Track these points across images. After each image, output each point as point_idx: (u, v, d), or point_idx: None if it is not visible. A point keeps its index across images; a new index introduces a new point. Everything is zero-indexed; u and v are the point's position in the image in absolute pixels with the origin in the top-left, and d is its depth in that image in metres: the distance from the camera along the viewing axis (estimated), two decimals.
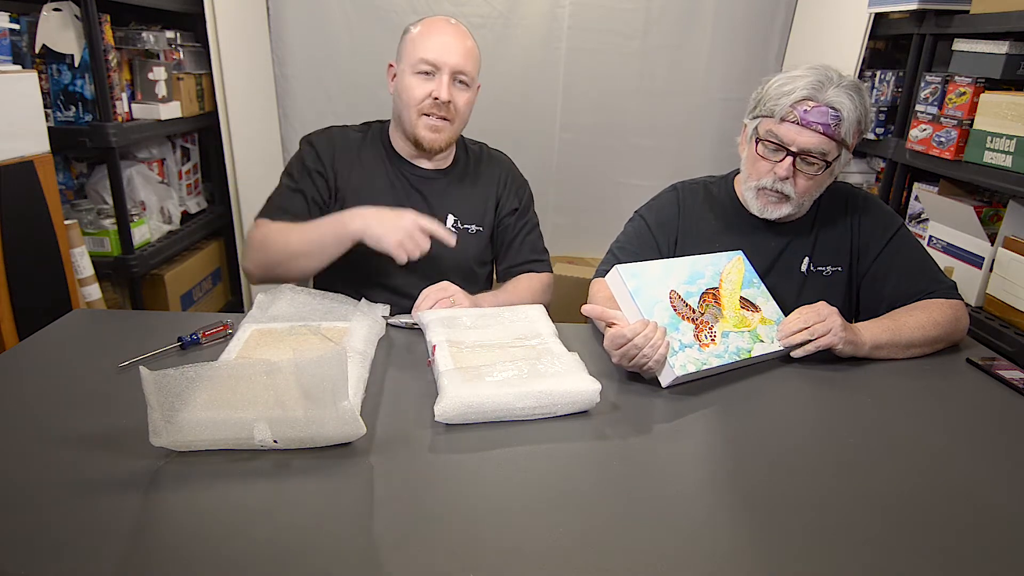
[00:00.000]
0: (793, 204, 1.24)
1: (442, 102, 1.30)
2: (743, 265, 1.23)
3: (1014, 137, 1.53)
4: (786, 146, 1.19)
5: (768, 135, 1.21)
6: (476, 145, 1.51)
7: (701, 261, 1.19)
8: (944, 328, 1.20)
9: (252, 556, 0.67)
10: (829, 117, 1.16)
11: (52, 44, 1.73)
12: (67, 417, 0.90)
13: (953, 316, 1.22)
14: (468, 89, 1.35)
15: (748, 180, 1.27)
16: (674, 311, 1.09)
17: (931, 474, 0.87)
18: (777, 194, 1.23)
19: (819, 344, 1.12)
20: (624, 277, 1.08)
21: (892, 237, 1.30)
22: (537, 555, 0.69)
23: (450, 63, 1.30)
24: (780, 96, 1.18)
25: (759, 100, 1.24)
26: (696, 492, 0.82)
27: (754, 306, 1.18)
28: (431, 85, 1.30)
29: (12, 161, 1.44)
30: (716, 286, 1.16)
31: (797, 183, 1.21)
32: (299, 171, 1.37)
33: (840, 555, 0.71)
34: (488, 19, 2.52)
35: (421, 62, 1.30)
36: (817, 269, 1.31)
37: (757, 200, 1.26)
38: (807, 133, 1.17)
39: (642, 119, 2.68)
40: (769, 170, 1.22)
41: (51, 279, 1.56)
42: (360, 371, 1.00)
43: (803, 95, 1.16)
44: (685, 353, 1.04)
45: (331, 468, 0.82)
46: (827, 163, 1.20)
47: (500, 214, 1.47)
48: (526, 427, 0.92)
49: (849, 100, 1.16)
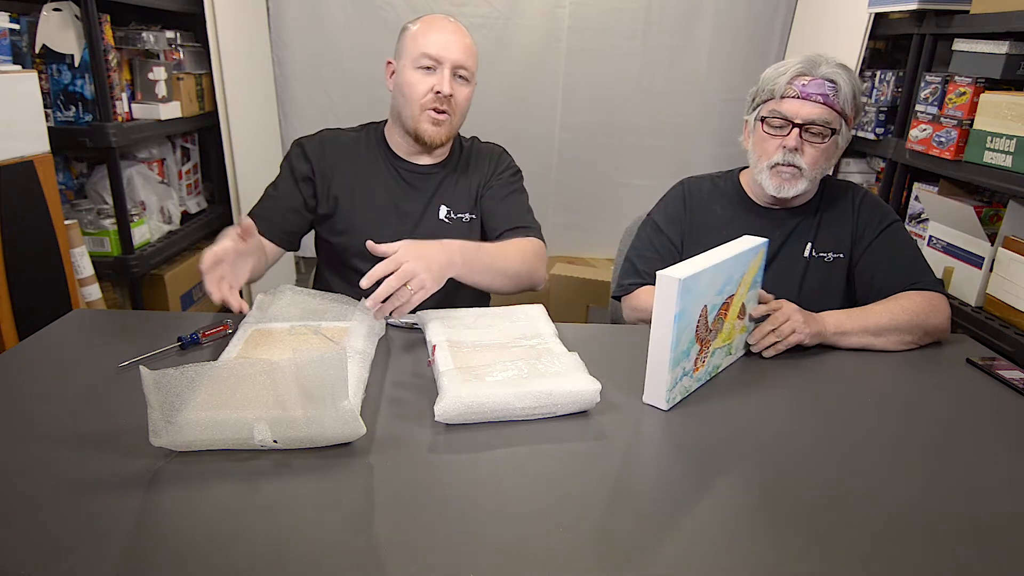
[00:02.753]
0: (807, 177, 1.27)
1: (444, 95, 1.31)
2: (761, 260, 1.15)
3: (1014, 137, 1.53)
4: (790, 119, 1.25)
5: (772, 113, 1.27)
6: (469, 140, 1.52)
7: (736, 262, 1.05)
8: (914, 315, 1.20)
9: (252, 556, 0.67)
10: (826, 87, 1.23)
11: (52, 44, 1.73)
12: (67, 417, 0.90)
13: (928, 305, 1.23)
14: (468, 84, 1.36)
15: (759, 162, 1.30)
16: (695, 334, 1.00)
17: (931, 474, 0.87)
18: (791, 168, 1.27)
19: (788, 343, 1.15)
20: (678, 294, 0.92)
21: (885, 228, 1.33)
22: (537, 555, 0.69)
23: (451, 57, 1.31)
24: (776, 77, 1.26)
25: (756, 92, 1.31)
26: (696, 492, 0.82)
27: (743, 311, 1.14)
28: (433, 79, 1.31)
29: (12, 161, 1.44)
30: (734, 292, 1.09)
31: (806, 153, 1.26)
32: (284, 178, 1.39)
33: (840, 555, 0.71)
34: (488, 19, 2.52)
35: (423, 56, 1.30)
36: (819, 255, 1.35)
37: (772, 180, 1.29)
38: (809, 105, 1.23)
39: (642, 119, 2.68)
40: (778, 146, 1.27)
41: (51, 279, 1.56)
42: (360, 371, 1.00)
43: (799, 71, 1.24)
44: (681, 384, 1.00)
45: (331, 468, 0.82)
46: (832, 131, 1.25)
47: (483, 190, 1.46)
48: (526, 427, 0.92)
49: (842, 72, 1.24)
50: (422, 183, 1.41)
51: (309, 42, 2.51)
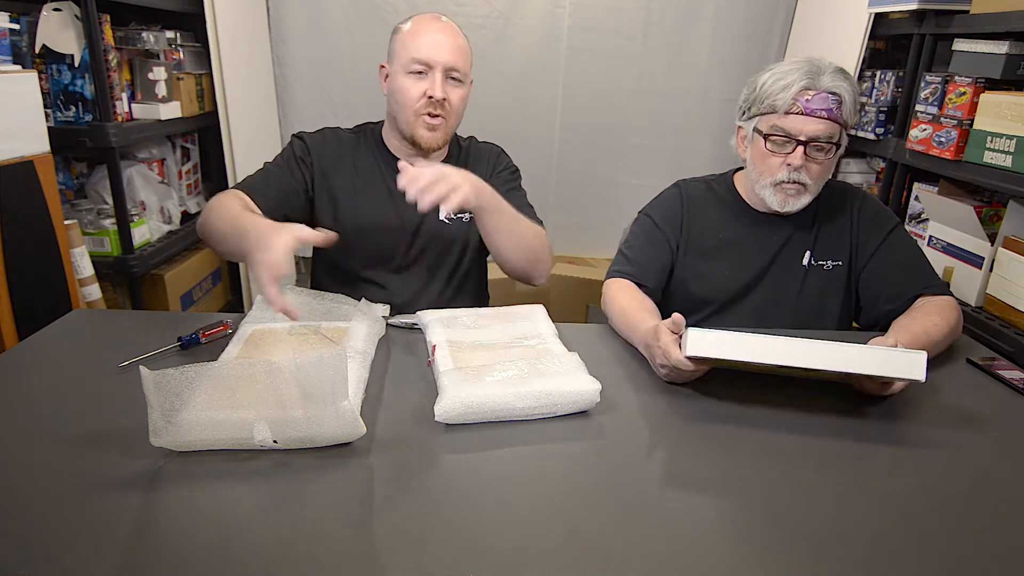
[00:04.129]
0: (810, 192, 1.26)
1: (437, 100, 1.30)
2: None
3: (1014, 137, 1.53)
4: (794, 137, 1.21)
5: (774, 130, 1.23)
6: (466, 140, 1.51)
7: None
8: (948, 328, 1.20)
9: (252, 556, 0.67)
10: (831, 102, 1.19)
11: (52, 44, 1.73)
12: (67, 417, 0.90)
13: (958, 316, 1.24)
14: (461, 85, 1.35)
15: (761, 178, 1.27)
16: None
17: (931, 474, 0.87)
18: (795, 185, 1.24)
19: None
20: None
21: (889, 233, 1.32)
22: (537, 555, 0.69)
23: (442, 61, 1.29)
24: (779, 91, 1.20)
25: (753, 100, 1.26)
26: (696, 492, 0.82)
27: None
28: (425, 84, 1.30)
29: (12, 161, 1.44)
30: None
31: (810, 170, 1.23)
32: (284, 158, 1.38)
33: (840, 555, 0.71)
34: (488, 19, 2.52)
35: (413, 62, 1.29)
36: (818, 263, 1.33)
37: (777, 196, 1.26)
38: (813, 121, 1.20)
39: (642, 119, 2.68)
40: (781, 163, 1.24)
41: (51, 279, 1.56)
42: (360, 371, 1.00)
43: (802, 85, 1.19)
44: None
45: (331, 468, 0.82)
46: (836, 145, 1.23)
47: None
48: (526, 427, 0.92)
49: (844, 81, 1.20)
50: None
51: (309, 42, 2.51)
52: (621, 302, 1.26)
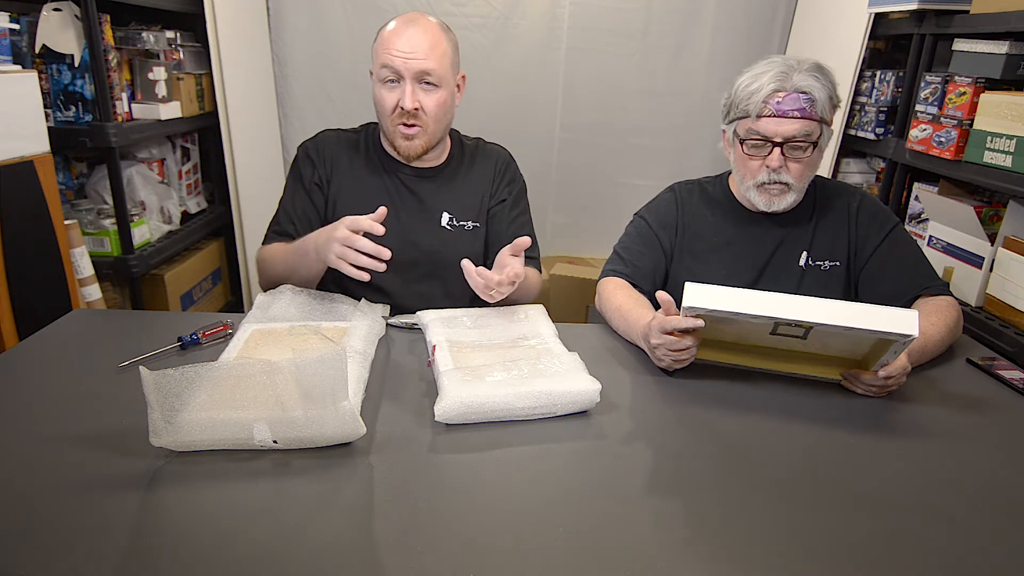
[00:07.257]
0: (795, 190, 1.26)
1: (409, 111, 1.27)
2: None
3: (1014, 137, 1.53)
4: (770, 139, 1.22)
5: (749, 133, 1.24)
6: (472, 141, 1.49)
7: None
8: (949, 329, 1.20)
9: (252, 556, 0.67)
10: (802, 101, 1.20)
11: (52, 44, 1.73)
12: (67, 417, 0.90)
13: (958, 315, 1.24)
14: (438, 89, 1.28)
15: (744, 181, 1.28)
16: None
17: (931, 474, 0.87)
18: (778, 185, 1.25)
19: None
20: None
21: (889, 232, 1.31)
22: (537, 555, 0.69)
23: (413, 68, 1.25)
24: (750, 96, 1.22)
25: (730, 104, 1.28)
26: (696, 492, 0.82)
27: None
28: (397, 94, 1.27)
29: (12, 161, 1.44)
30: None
31: (791, 169, 1.24)
32: (293, 188, 1.39)
33: (840, 554, 0.71)
34: (488, 19, 2.52)
35: (383, 69, 1.27)
36: (815, 263, 1.32)
37: (761, 197, 1.27)
38: (786, 122, 1.20)
39: (642, 119, 2.68)
40: (760, 166, 1.24)
41: (51, 279, 1.56)
42: (360, 371, 1.00)
43: (772, 88, 1.20)
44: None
45: (331, 468, 0.82)
46: (814, 143, 1.23)
47: (491, 204, 1.45)
48: (526, 427, 0.93)
49: (815, 80, 1.20)
50: (421, 188, 1.39)
51: (309, 42, 2.51)
52: (617, 300, 1.26)
